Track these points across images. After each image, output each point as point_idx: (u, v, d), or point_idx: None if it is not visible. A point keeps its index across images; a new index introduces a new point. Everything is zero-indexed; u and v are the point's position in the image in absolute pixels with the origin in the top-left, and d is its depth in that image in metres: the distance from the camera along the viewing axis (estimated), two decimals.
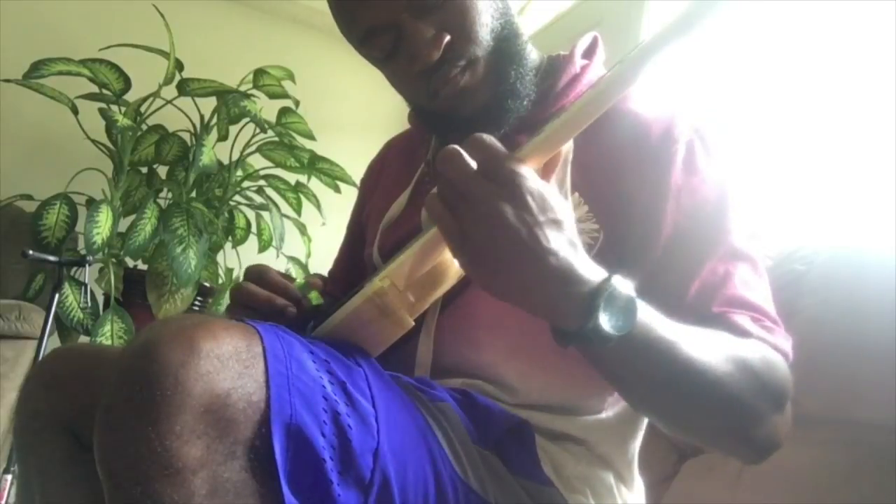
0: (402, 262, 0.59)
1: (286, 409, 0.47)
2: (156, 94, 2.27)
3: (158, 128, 2.35)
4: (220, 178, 2.44)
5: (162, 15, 2.21)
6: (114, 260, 2.17)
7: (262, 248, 2.50)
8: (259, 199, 2.51)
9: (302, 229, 2.54)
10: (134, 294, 2.26)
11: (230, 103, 2.29)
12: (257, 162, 2.53)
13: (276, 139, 2.47)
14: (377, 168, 1.01)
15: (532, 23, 2.58)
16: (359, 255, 0.95)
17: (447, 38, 0.69)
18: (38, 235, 2.02)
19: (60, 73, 2.12)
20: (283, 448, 0.47)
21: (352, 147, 2.69)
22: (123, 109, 2.23)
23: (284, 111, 2.47)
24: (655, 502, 1.13)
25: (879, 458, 0.92)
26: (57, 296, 1.73)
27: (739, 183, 0.73)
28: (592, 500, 0.71)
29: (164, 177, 2.42)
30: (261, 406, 0.47)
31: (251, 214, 2.53)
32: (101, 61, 2.24)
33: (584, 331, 0.52)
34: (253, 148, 2.48)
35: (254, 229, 2.52)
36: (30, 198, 2.19)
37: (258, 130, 2.43)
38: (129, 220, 2.14)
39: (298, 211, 2.57)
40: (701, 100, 1.74)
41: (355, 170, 2.07)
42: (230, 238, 2.48)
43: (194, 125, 2.40)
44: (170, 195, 2.38)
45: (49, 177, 2.35)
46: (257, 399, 0.47)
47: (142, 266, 2.30)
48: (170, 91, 2.29)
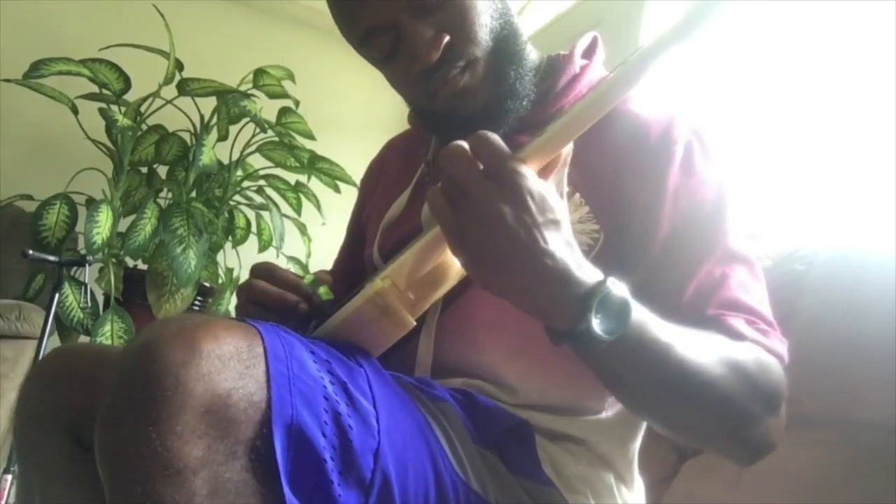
0: (403, 262, 0.59)
1: (287, 410, 0.47)
2: (156, 94, 2.27)
3: (158, 128, 2.35)
4: (220, 178, 2.44)
5: (162, 15, 2.21)
6: (114, 260, 2.17)
7: (262, 248, 2.50)
8: (259, 199, 2.51)
9: (302, 229, 2.54)
10: (134, 294, 2.26)
11: (230, 103, 2.29)
12: (257, 162, 2.52)
13: (276, 139, 2.47)
14: (377, 168, 1.01)
15: (532, 23, 2.58)
16: (359, 256, 0.95)
17: (446, 38, 0.69)
18: (38, 235, 2.02)
19: (60, 73, 2.12)
20: (283, 448, 0.47)
21: (352, 147, 2.69)
22: (123, 109, 2.23)
23: (284, 111, 2.47)
24: (655, 502, 1.13)
25: (879, 458, 0.92)
26: (57, 296, 1.73)
27: (737, 184, 0.72)
28: (593, 500, 0.71)
29: (164, 177, 2.42)
30: (262, 406, 0.47)
31: (251, 214, 2.53)
32: (101, 61, 2.24)
33: (576, 332, 0.53)
34: (253, 148, 2.48)
35: (254, 229, 2.52)
36: (30, 198, 2.19)
37: (258, 130, 2.43)
38: (129, 220, 2.14)
39: (298, 211, 2.57)
40: (701, 100, 1.75)
41: (355, 170, 2.07)
42: (230, 238, 2.48)
43: (194, 125, 2.40)
44: (170, 195, 2.38)
45: (49, 177, 2.34)
46: (258, 399, 0.47)
47: (142, 266, 2.30)
48: (170, 91, 2.29)
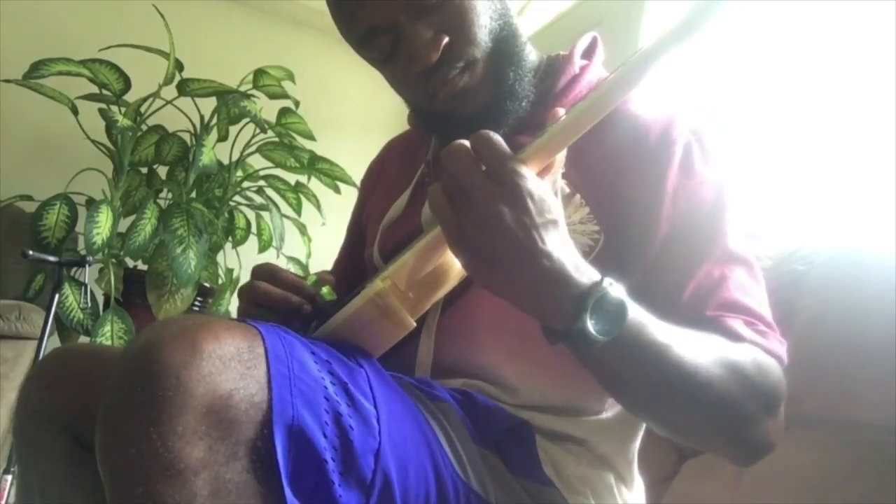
0: (404, 263, 0.59)
1: (288, 410, 0.47)
2: (156, 95, 2.27)
3: (158, 128, 2.35)
4: (220, 178, 2.44)
5: (162, 15, 2.21)
6: (114, 260, 2.17)
7: (262, 249, 2.50)
8: (259, 200, 2.51)
9: (302, 229, 2.54)
10: (134, 294, 2.26)
11: (230, 103, 2.29)
12: (257, 162, 2.53)
13: (276, 139, 2.47)
14: (377, 169, 1.01)
15: (532, 23, 2.58)
16: (359, 256, 0.95)
17: (446, 39, 0.69)
18: (38, 235, 2.02)
19: (60, 74, 2.12)
20: (284, 449, 0.47)
21: (352, 147, 2.70)
22: (123, 110, 2.23)
23: (284, 111, 2.47)
24: (655, 502, 1.13)
25: (879, 458, 0.92)
26: (57, 296, 1.73)
27: (737, 185, 0.72)
28: (593, 500, 0.71)
29: (164, 177, 2.42)
30: (263, 407, 0.47)
31: (251, 214, 2.53)
32: (101, 61, 2.24)
33: (572, 332, 0.53)
34: (253, 148, 2.48)
35: (254, 229, 2.52)
36: (30, 198, 2.19)
37: (258, 131, 2.43)
38: (129, 221, 2.14)
39: (298, 211, 2.57)
40: (701, 100, 1.75)
41: (355, 170, 2.07)
42: (230, 238, 2.48)
43: (194, 125, 2.40)
44: (170, 195, 2.38)
45: (49, 177, 2.34)
46: (259, 400, 0.47)
47: (142, 266, 2.30)
48: (170, 91, 2.29)
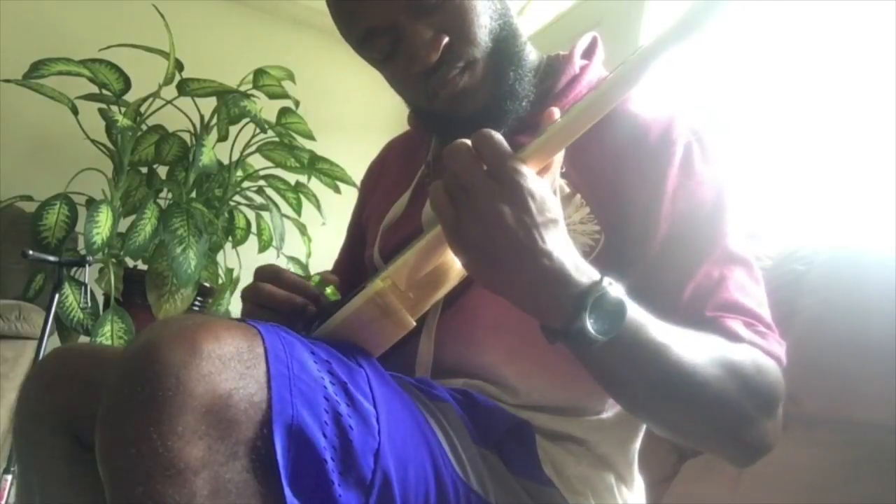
0: (404, 263, 0.59)
1: (288, 410, 0.47)
2: (156, 95, 2.27)
3: (158, 128, 2.35)
4: (220, 178, 2.44)
5: (162, 15, 2.20)
6: (114, 260, 2.17)
7: (262, 248, 2.50)
8: (259, 200, 2.51)
9: (302, 229, 2.54)
10: (134, 294, 2.26)
11: (230, 103, 2.29)
12: (257, 162, 2.52)
13: (276, 139, 2.47)
14: (377, 169, 1.01)
15: (532, 23, 2.58)
16: (359, 257, 0.95)
17: (446, 39, 0.69)
18: (38, 235, 2.02)
19: (60, 73, 2.12)
20: (284, 449, 0.47)
21: (352, 147, 2.70)
22: (123, 109, 2.23)
23: (284, 111, 2.47)
24: (655, 502, 1.13)
25: (879, 458, 0.92)
26: (57, 296, 1.73)
27: (737, 185, 0.72)
28: (593, 500, 0.71)
29: (164, 177, 2.42)
30: (262, 407, 0.47)
31: (251, 214, 2.53)
32: (101, 61, 2.24)
33: (571, 331, 0.53)
34: (253, 148, 2.48)
35: (254, 229, 2.52)
36: (30, 198, 2.19)
37: (258, 130, 2.43)
38: (129, 220, 2.14)
39: (298, 211, 2.57)
40: (701, 100, 1.75)
41: (355, 170, 2.07)
42: (230, 238, 2.48)
43: (194, 125, 2.40)
44: (170, 195, 2.38)
45: (49, 177, 2.34)
46: (259, 399, 0.47)
47: (142, 266, 2.30)
48: (170, 91, 2.29)
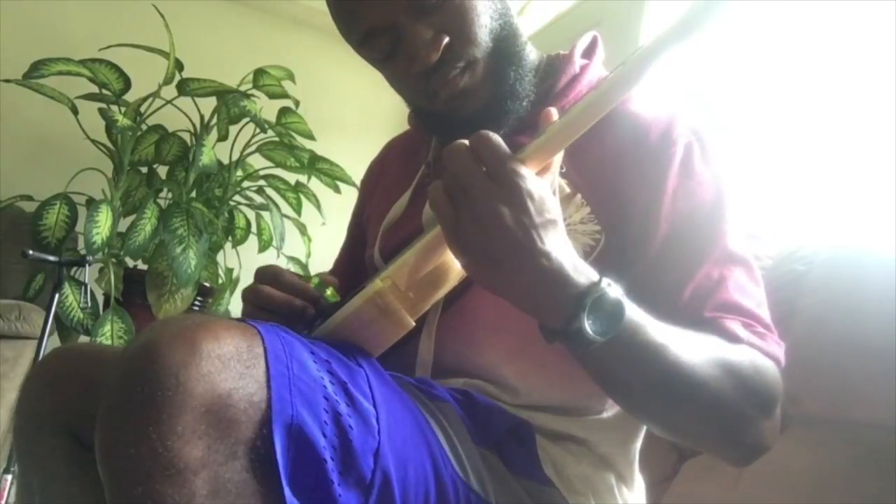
0: (404, 263, 0.59)
1: (287, 410, 0.47)
2: (156, 94, 2.27)
3: (158, 128, 2.35)
4: (220, 178, 2.44)
5: (162, 15, 2.20)
6: (114, 260, 2.17)
7: (262, 248, 2.50)
8: (259, 199, 2.51)
9: (302, 229, 2.54)
10: (134, 294, 2.26)
11: (230, 103, 2.29)
12: (257, 162, 2.52)
13: (276, 139, 2.47)
14: (377, 169, 1.01)
15: (532, 23, 2.58)
16: (359, 257, 0.95)
17: (446, 39, 0.69)
18: (38, 235, 2.02)
19: (60, 73, 2.12)
20: (284, 448, 0.47)
21: (352, 147, 2.69)
22: (123, 109, 2.23)
23: (284, 111, 2.47)
24: (655, 502, 1.13)
25: (879, 458, 0.92)
26: (57, 296, 1.73)
27: (737, 185, 0.72)
28: (593, 500, 0.71)
29: (164, 177, 2.42)
30: (262, 406, 0.47)
31: (251, 214, 2.53)
32: (101, 61, 2.24)
33: (569, 331, 0.53)
34: (253, 148, 2.48)
35: (254, 229, 2.52)
36: (30, 198, 2.19)
37: (258, 130, 2.43)
38: (129, 220, 2.14)
39: (298, 211, 2.57)
40: (701, 100, 1.75)
41: (355, 170, 2.07)
42: (230, 238, 2.48)
43: (194, 125, 2.40)
44: (170, 195, 2.38)
45: (49, 177, 2.34)
46: (258, 399, 0.47)
47: (142, 266, 2.30)
48: (170, 91, 2.29)
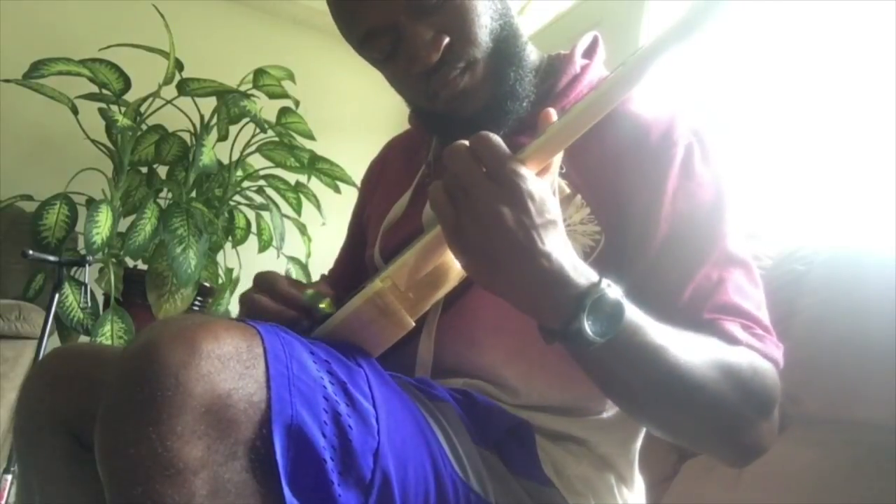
0: (404, 263, 0.59)
1: (287, 410, 0.47)
2: (156, 94, 2.27)
3: (158, 128, 2.36)
4: (220, 178, 2.44)
5: (162, 15, 2.21)
6: (114, 260, 2.17)
7: (262, 248, 2.50)
8: (259, 199, 2.51)
9: (302, 229, 2.54)
10: (134, 294, 2.26)
11: (230, 103, 2.29)
12: (257, 162, 2.53)
13: (276, 139, 2.47)
14: (377, 169, 1.01)
15: (532, 23, 2.58)
16: (360, 257, 0.95)
17: (446, 39, 0.69)
18: (38, 235, 2.02)
19: (60, 73, 2.12)
20: (283, 448, 0.47)
21: (352, 147, 2.69)
22: (123, 109, 2.23)
23: (284, 111, 2.47)
24: (655, 502, 1.12)
25: (879, 458, 0.92)
26: (57, 296, 1.73)
27: (737, 186, 0.72)
28: (593, 500, 0.71)
29: (164, 177, 2.42)
30: (262, 406, 0.47)
31: (251, 214, 2.53)
32: (101, 61, 2.24)
33: (569, 332, 0.53)
34: (253, 148, 2.48)
35: (254, 229, 2.52)
36: (30, 198, 2.19)
37: (258, 130, 2.43)
38: (129, 220, 2.14)
39: (298, 211, 2.57)
40: (701, 100, 1.75)
41: (355, 170, 2.07)
42: (230, 238, 2.48)
43: (194, 125, 2.40)
44: (170, 195, 2.38)
45: (49, 177, 2.34)
46: (258, 399, 0.47)
47: (142, 266, 2.30)
48: (170, 91, 2.29)
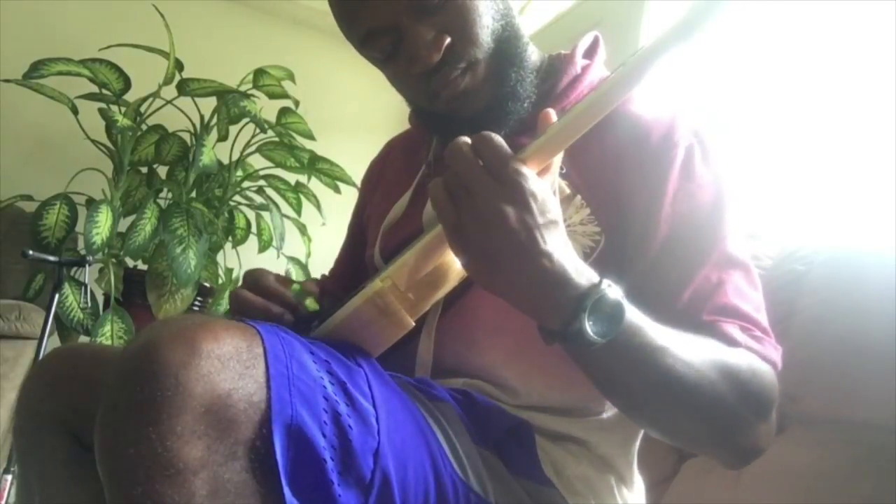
0: (404, 263, 0.59)
1: (287, 410, 0.47)
2: (156, 94, 2.27)
3: (158, 128, 2.35)
4: (220, 178, 2.44)
5: (162, 15, 2.20)
6: (114, 260, 2.17)
7: (262, 249, 2.50)
8: (259, 199, 2.51)
9: (302, 229, 2.54)
10: (134, 294, 2.26)
11: (230, 103, 2.29)
12: (257, 162, 2.52)
13: (276, 139, 2.47)
14: (378, 169, 1.01)
15: (532, 23, 2.58)
16: (360, 257, 0.95)
17: (447, 40, 0.69)
18: (38, 235, 2.02)
19: (60, 73, 2.12)
20: (283, 448, 0.47)
21: (352, 147, 2.69)
22: (123, 109, 2.23)
23: (284, 111, 2.47)
24: (655, 502, 1.13)
25: (879, 457, 0.92)
26: (57, 296, 1.73)
27: (737, 188, 0.72)
28: (593, 500, 0.71)
29: (164, 177, 2.42)
30: (261, 406, 0.47)
31: (251, 214, 2.53)
32: (101, 61, 2.24)
33: (569, 333, 0.53)
34: (253, 148, 2.48)
35: (254, 229, 2.52)
36: (30, 198, 2.19)
37: (258, 130, 2.43)
38: (129, 220, 2.14)
39: (298, 211, 2.57)
40: (701, 100, 1.75)
41: (355, 170, 2.07)
42: (230, 238, 2.48)
43: (194, 125, 2.40)
44: (170, 195, 2.38)
45: (49, 177, 2.34)
46: (258, 399, 0.47)
47: (142, 266, 2.30)
48: (170, 91, 2.29)
